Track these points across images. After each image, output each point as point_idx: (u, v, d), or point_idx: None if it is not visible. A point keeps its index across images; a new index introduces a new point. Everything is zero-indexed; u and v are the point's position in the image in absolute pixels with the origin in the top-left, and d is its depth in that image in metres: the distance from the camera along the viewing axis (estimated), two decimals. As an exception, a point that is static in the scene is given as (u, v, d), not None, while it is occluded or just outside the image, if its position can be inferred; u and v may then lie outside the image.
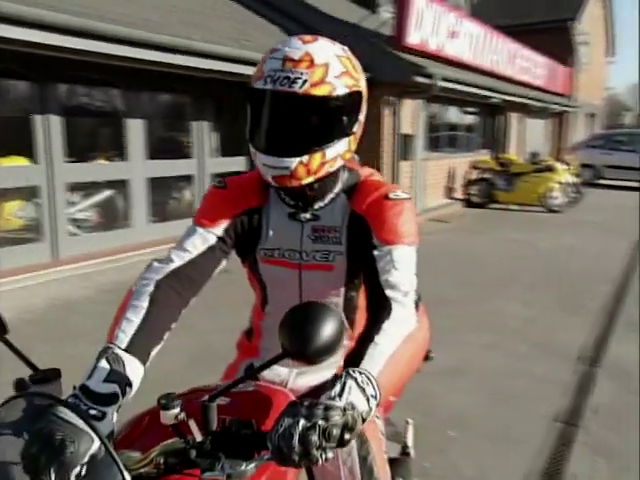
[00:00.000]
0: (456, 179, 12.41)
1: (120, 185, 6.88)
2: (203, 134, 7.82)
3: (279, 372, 1.53)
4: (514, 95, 13.44)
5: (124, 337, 1.14)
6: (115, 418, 1.07)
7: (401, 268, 1.25)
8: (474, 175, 12.52)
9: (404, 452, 2.02)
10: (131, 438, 1.19)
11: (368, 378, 1.02)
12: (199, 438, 1.03)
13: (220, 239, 1.36)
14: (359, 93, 1.29)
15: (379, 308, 1.20)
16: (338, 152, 1.29)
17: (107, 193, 7.01)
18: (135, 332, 1.15)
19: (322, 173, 1.28)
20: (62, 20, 4.80)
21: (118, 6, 6.19)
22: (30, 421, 0.96)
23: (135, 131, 6.82)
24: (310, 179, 1.28)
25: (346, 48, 1.31)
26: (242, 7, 9.47)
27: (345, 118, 1.27)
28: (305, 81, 1.19)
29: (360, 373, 1.03)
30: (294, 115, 1.23)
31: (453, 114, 12.85)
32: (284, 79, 1.19)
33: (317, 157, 1.25)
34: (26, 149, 5.90)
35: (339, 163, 1.31)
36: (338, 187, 1.39)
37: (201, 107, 7.79)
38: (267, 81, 1.21)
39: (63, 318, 4.42)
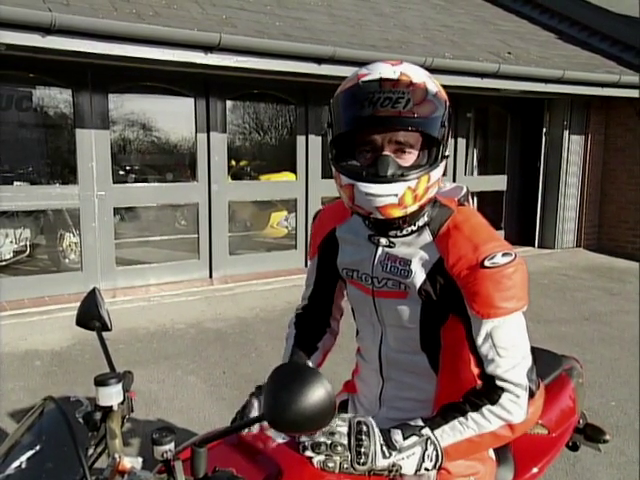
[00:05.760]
0: None
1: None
2: (457, 151, 7.66)
3: (368, 408, 1.46)
4: None
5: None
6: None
7: (507, 354, 1.17)
8: None
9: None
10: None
11: (436, 454, 1.16)
12: (181, 482, 0.99)
13: (319, 265, 1.50)
14: (450, 115, 1.20)
15: (489, 388, 1.18)
16: (438, 175, 1.20)
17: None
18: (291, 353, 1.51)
19: (425, 199, 1.19)
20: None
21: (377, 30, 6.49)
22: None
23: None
24: (415, 206, 1.18)
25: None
26: (504, 11, 8.94)
27: (444, 139, 1.18)
28: (409, 100, 1.11)
29: (433, 446, 1.15)
30: (399, 137, 1.14)
31: None
32: (385, 100, 1.10)
33: (423, 180, 1.16)
34: (291, 166, 6.63)
35: (436, 189, 1.23)
36: (422, 220, 1.26)
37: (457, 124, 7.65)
38: (365, 105, 1.11)
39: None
